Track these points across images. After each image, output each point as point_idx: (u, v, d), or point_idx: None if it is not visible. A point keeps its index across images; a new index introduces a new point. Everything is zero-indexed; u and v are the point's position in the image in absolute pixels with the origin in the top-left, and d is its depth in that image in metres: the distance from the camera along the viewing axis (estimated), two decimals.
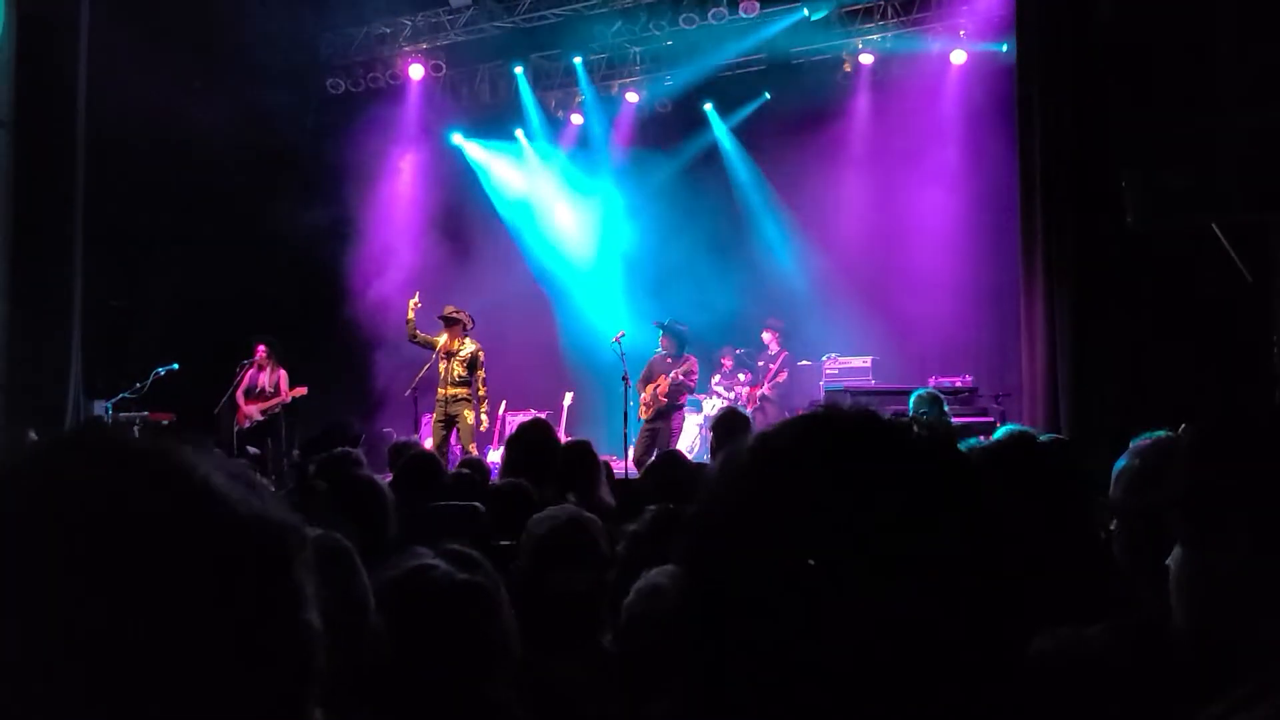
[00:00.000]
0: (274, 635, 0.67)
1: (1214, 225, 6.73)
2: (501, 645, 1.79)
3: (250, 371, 10.16)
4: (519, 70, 12.50)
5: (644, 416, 9.71)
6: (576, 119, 13.09)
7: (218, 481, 0.68)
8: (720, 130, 12.64)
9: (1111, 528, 1.87)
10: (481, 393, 9.71)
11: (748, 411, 10.98)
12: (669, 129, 12.68)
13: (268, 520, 0.69)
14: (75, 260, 10.47)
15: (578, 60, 12.37)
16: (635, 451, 9.58)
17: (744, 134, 12.52)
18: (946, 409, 7.88)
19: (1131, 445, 1.86)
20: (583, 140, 13.15)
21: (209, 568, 0.64)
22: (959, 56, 11.16)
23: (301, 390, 10.22)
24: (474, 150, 13.15)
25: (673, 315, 10.32)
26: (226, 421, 9.90)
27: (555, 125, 13.15)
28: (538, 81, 12.76)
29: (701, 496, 0.80)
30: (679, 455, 5.13)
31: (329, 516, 1.60)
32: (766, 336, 11.37)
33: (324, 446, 5.43)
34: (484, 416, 9.75)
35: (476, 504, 3.83)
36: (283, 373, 10.25)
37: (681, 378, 9.67)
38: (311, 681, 0.70)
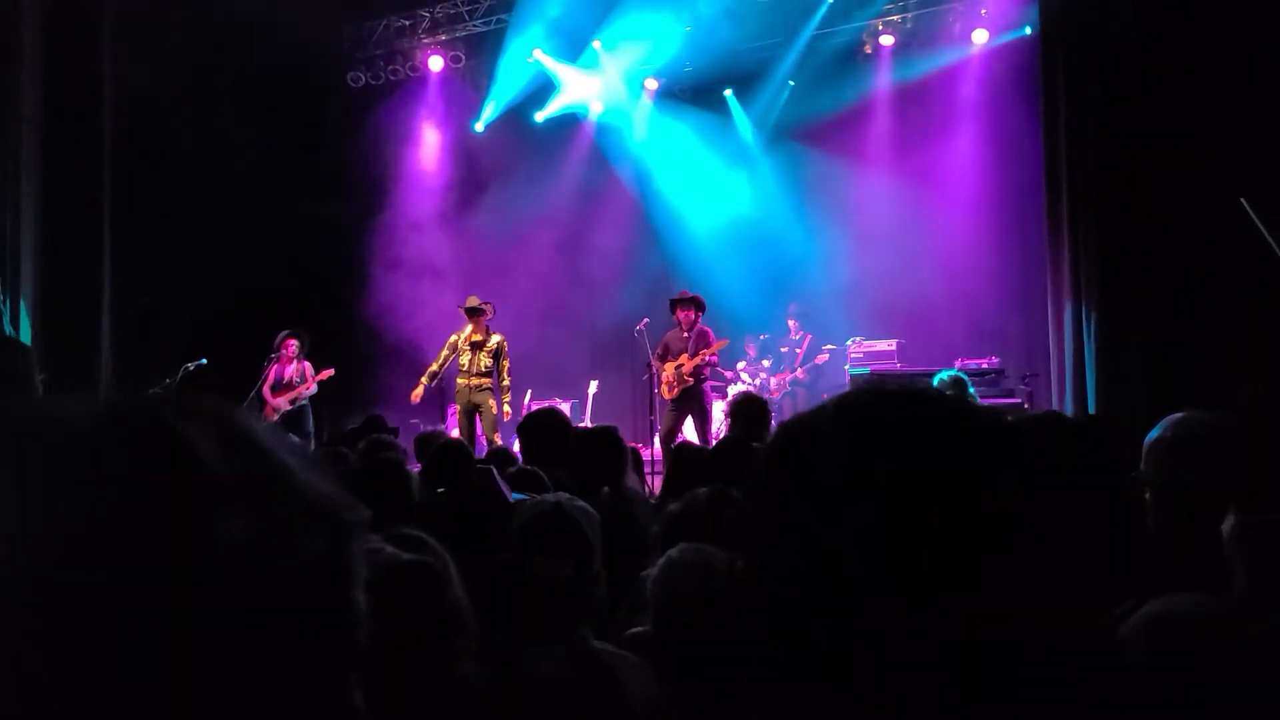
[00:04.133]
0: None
1: (1244, 201, 6.66)
2: (453, 619, 1.79)
3: (276, 365, 10.24)
4: (537, 57, 12.46)
5: (668, 396, 9.69)
6: (597, 107, 13.07)
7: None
8: (740, 116, 12.59)
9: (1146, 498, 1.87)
10: (506, 382, 9.76)
11: (775, 398, 10.95)
12: (688, 115, 12.64)
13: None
14: (103, 257, 10.60)
15: (596, 46, 12.35)
16: (662, 428, 9.59)
17: (764, 118, 12.46)
18: (972, 390, 7.82)
19: (1164, 420, 1.86)
20: (602, 128, 13.13)
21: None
22: (981, 36, 11.05)
23: (328, 372, 10.30)
24: (496, 132, 13.10)
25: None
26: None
27: (575, 114, 13.13)
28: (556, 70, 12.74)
29: (762, 470, 0.78)
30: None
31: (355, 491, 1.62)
32: (791, 324, 11.39)
33: (361, 438, 5.47)
34: (507, 406, 9.82)
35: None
36: (308, 364, 10.33)
37: (707, 358, 9.66)
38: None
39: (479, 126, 13.05)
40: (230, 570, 0.59)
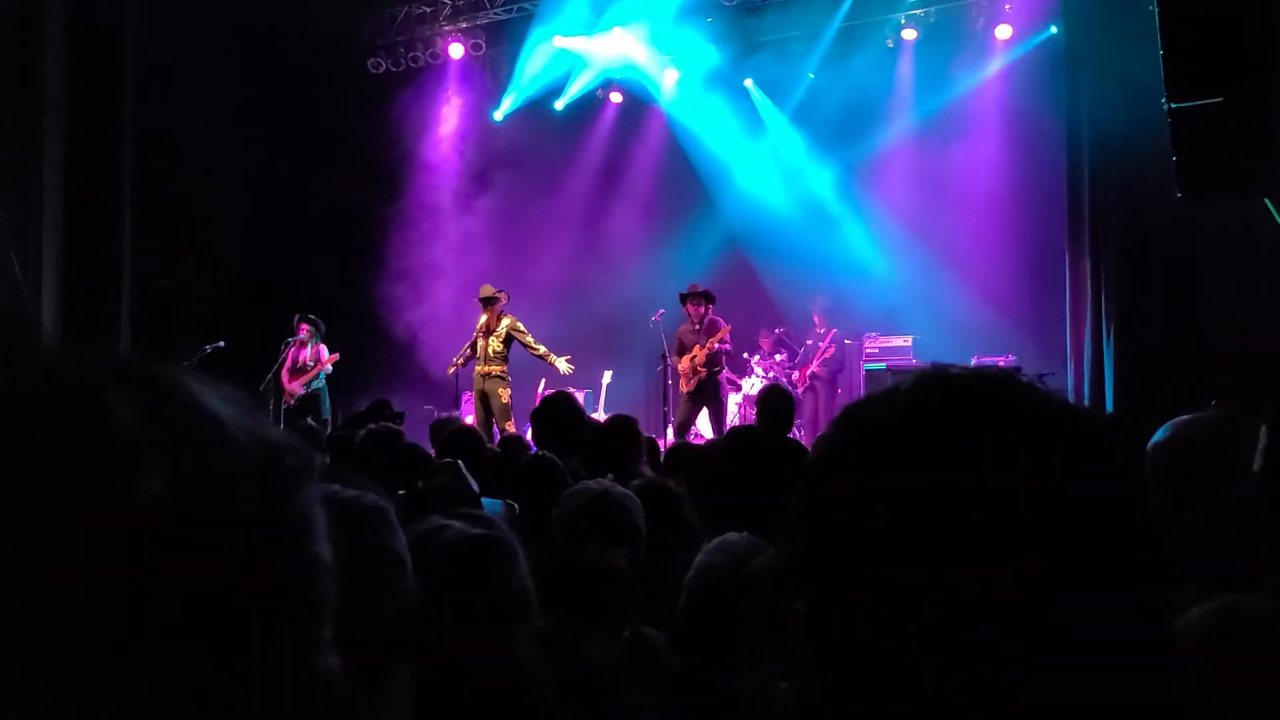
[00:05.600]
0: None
1: (1267, 201, 6.59)
2: (521, 600, 1.76)
3: (293, 349, 10.30)
4: (558, 43, 12.41)
5: (685, 389, 9.70)
6: (616, 97, 13.04)
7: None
8: (762, 107, 12.53)
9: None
10: (541, 349, 9.80)
11: (798, 391, 10.91)
12: (709, 106, 12.58)
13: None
14: (124, 240, 10.66)
15: (618, 32, 12.29)
16: (676, 420, 9.60)
17: (785, 110, 12.40)
18: None
19: (1169, 422, 1.84)
20: (623, 117, 13.10)
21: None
22: (1004, 32, 10.95)
23: (334, 356, 10.36)
24: (515, 120, 13.07)
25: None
26: (273, 399, 10.05)
27: (594, 103, 13.11)
28: (577, 59, 12.69)
29: (824, 455, 0.74)
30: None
31: (362, 478, 1.59)
32: (816, 319, 11.30)
33: (366, 423, 5.49)
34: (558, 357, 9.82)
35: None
36: (322, 348, 10.41)
37: (717, 345, 9.65)
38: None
39: (498, 116, 13.03)
40: (153, 530, 0.58)
